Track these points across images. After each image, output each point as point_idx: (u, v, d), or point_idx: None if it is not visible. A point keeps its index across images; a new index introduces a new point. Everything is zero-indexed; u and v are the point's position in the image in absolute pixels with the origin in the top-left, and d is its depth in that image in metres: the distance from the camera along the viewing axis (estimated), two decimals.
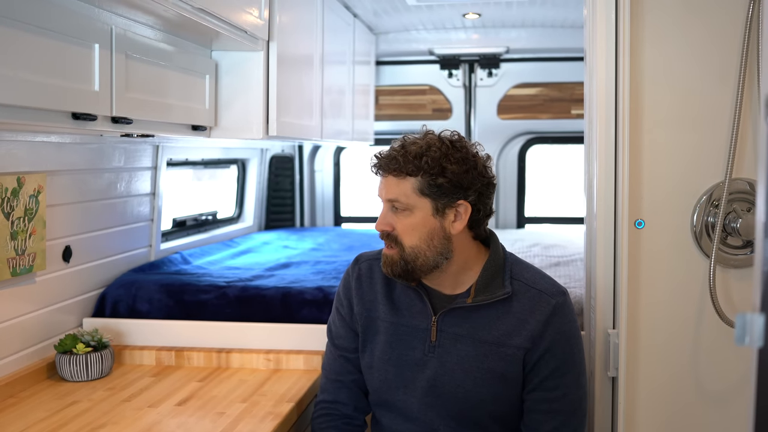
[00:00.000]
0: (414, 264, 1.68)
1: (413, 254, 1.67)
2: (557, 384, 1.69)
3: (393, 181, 1.68)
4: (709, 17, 1.95)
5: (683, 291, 2.00)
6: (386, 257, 1.71)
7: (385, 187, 1.70)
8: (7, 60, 1.33)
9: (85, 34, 1.55)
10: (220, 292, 2.43)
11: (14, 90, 1.34)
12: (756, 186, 1.96)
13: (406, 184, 1.67)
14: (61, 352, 2.14)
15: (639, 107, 1.97)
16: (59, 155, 2.19)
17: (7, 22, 1.32)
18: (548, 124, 4.45)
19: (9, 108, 1.36)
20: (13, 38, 1.34)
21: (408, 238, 1.67)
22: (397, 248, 1.68)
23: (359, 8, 3.61)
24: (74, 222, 2.31)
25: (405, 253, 1.68)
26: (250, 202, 4.04)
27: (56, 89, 1.45)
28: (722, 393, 2.01)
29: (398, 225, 1.68)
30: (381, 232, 1.70)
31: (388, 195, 1.69)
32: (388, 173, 1.69)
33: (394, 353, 1.76)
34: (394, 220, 1.69)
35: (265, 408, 1.92)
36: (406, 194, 1.67)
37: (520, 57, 4.39)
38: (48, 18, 1.44)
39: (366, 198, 4.92)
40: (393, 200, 1.68)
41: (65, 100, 1.48)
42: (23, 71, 1.37)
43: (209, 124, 2.25)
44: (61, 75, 1.48)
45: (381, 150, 1.75)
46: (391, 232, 1.69)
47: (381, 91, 4.49)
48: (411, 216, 1.67)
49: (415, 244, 1.67)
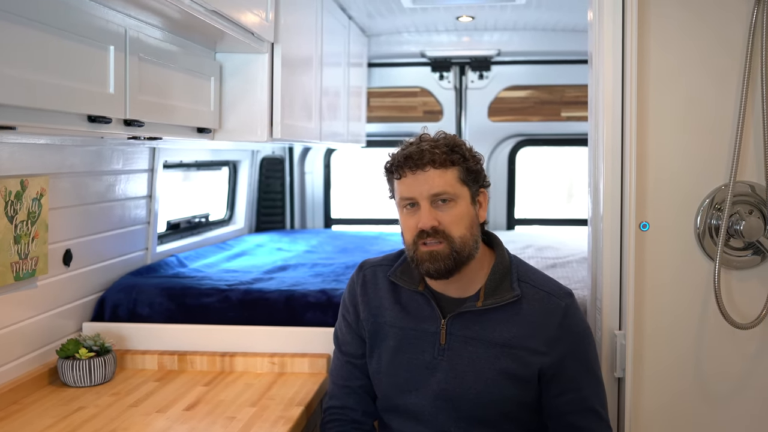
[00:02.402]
0: (462, 255, 1.66)
1: (462, 245, 1.66)
2: (583, 383, 1.72)
3: (435, 174, 1.65)
4: (713, 23, 1.98)
5: (687, 292, 2.02)
6: (434, 254, 1.65)
7: (425, 183, 1.65)
8: (25, 61, 1.31)
9: (101, 35, 1.53)
10: (223, 296, 2.42)
11: (32, 92, 1.32)
12: (756, 189, 2.00)
13: (451, 174, 1.66)
14: (64, 357, 2.11)
15: (644, 111, 1.99)
16: (60, 158, 2.16)
17: (24, 21, 1.30)
18: (539, 127, 4.48)
19: (26, 110, 1.34)
20: (30, 39, 1.32)
21: (456, 228, 1.66)
22: (445, 242, 1.65)
23: (354, 10, 3.60)
24: (74, 225, 2.28)
25: (456, 245, 1.65)
26: (242, 204, 4.02)
27: (73, 91, 1.44)
28: (725, 392, 2.04)
29: (444, 218, 1.66)
30: (429, 229, 1.64)
31: (433, 189, 1.65)
32: (427, 167, 1.65)
33: (404, 358, 1.76)
34: (438, 214, 1.66)
35: (275, 412, 1.91)
36: (451, 184, 1.66)
37: (511, 60, 4.41)
38: (65, 19, 1.42)
39: (356, 200, 4.92)
40: (439, 193, 1.65)
41: (81, 102, 1.46)
42: (41, 73, 1.35)
43: (214, 127, 2.24)
44: (78, 77, 1.46)
45: (391, 152, 1.73)
46: (437, 227, 1.65)
47: (372, 93, 4.49)
48: (456, 206, 1.67)
49: (463, 234, 1.67)
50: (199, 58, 2.14)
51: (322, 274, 2.86)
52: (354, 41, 3.82)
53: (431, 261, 1.66)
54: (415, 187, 1.66)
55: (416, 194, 1.66)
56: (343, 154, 4.78)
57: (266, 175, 4.26)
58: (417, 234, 1.67)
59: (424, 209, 1.65)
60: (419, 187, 1.66)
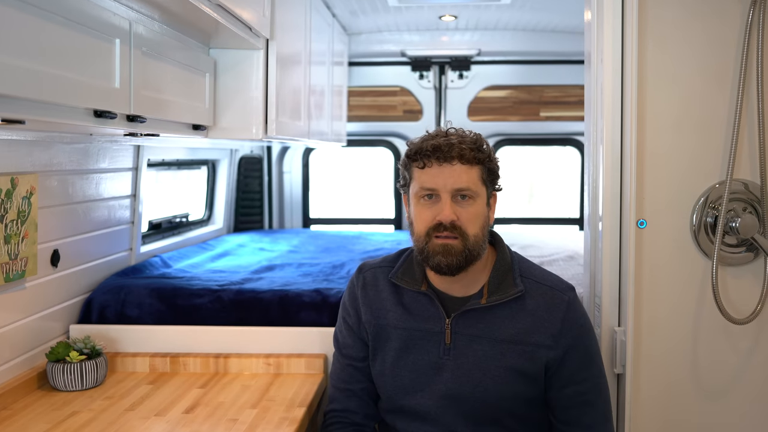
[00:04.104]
0: (473, 253, 1.65)
1: (475, 243, 1.65)
2: (586, 376, 1.73)
3: (462, 169, 1.64)
4: (709, 23, 2.00)
5: (682, 288, 2.05)
6: (448, 247, 1.63)
7: (451, 176, 1.64)
8: (34, 52, 1.26)
9: (107, 28, 1.48)
10: (215, 296, 2.37)
11: (40, 84, 1.28)
12: (749, 186, 2.03)
13: (474, 172, 1.66)
14: (54, 360, 2.05)
15: (642, 110, 2.01)
16: (49, 155, 2.10)
17: (33, 11, 1.26)
18: (518, 126, 4.51)
19: (35, 104, 1.29)
20: (39, 30, 1.28)
21: (472, 226, 1.65)
22: (460, 238, 1.64)
23: (338, 8, 3.58)
24: (62, 225, 2.22)
25: (469, 242, 1.64)
26: (220, 204, 3.96)
27: (80, 85, 1.39)
28: (721, 386, 2.07)
29: (463, 214, 1.65)
30: (448, 223, 1.63)
31: (457, 184, 1.64)
32: (454, 161, 1.64)
33: (409, 359, 1.74)
34: (457, 210, 1.64)
35: (277, 413, 1.88)
36: (474, 182, 1.66)
37: (491, 59, 4.43)
38: (74, 10, 1.37)
39: (335, 200, 4.89)
40: (463, 189, 1.64)
41: (89, 96, 1.42)
42: (49, 65, 1.30)
43: (209, 124, 2.19)
44: (85, 70, 1.41)
45: (411, 140, 1.71)
46: (455, 222, 1.64)
47: (352, 92, 4.46)
48: (474, 204, 1.66)
49: (476, 233, 1.66)
50: (195, 53, 2.10)
51: (311, 274, 2.83)
52: (337, 40, 3.80)
53: (444, 255, 1.64)
54: (440, 180, 1.64)
55: (440, 186, 1.64)
56: (322, 153, 4.75)
57: (245, 175, 4.21)
58: (433, 226, 1.65)
59: (446, 202, 1.64)
60: (444, 179, 1.64)
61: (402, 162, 1.73)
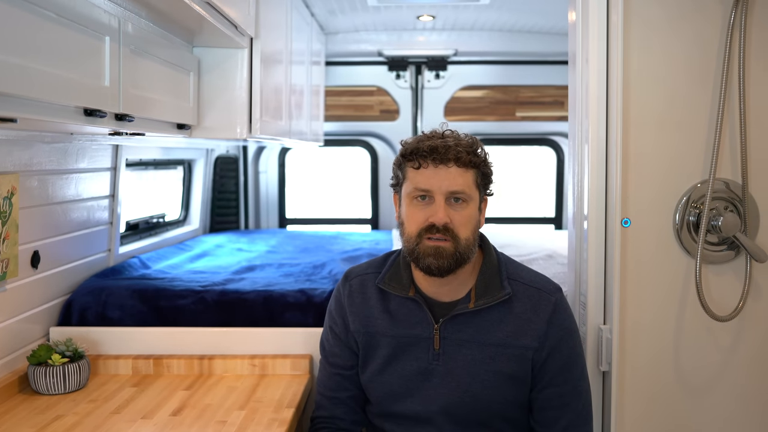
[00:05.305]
0: (464, 257, 1.65)
1: (466, 247, 1.65)
2: (566, 378, 1.72)
3: (457, 172, 1.63)
4: (692, 24, 2.03)
5: (665, 286, 2.08)
6: (439, 249, 1.62)
7: (446, 178, 1.63)
8: (24, 49, 1.23)
9: (98, 26, 1.45)
10: (198, 297, 2.34)
11: (31, 82, 1.25)
12: (731, 185, 2.07)
13: (470, 176, 1.65)
14: (35, 363, 2.01)
15: (626, 111, 2.03)
16: (29, 155, 2.06)
17: (25, 6, 1.23)
18: (494, 126, 4.54)
19: (25, 102, 1.26)
20: (31, 25, 1.25)
21: (464, 230, 1.65)
22: (452, 241, 1.63)
23: (317, 6, 3.56)
24: (42, 226, 2.18)
25: (460, 245, 1.63)
26: (196, 204, 3.92)
27: (71, 83, 1.36)
28: (702, 383, 2.10)
29: (455, 217, 1.64)
30: (441, 225, 1.62)
31: (452, 186, 1.63)
32: (450, 163, 1.63)
33: (398, 365, 1.73)
34: (450, 212, 1.63)
35: (266, 415, 1.87)
36: (469, 185, 1.65)
37: (468, 60, 4.45)
38: (64, 6, 1.34)
39: (311, 200, 4.87)
40: (457, 192, 1.63)
41: (79, 95, 1.39)
42: (40, 62, 1.27)
43: (193, 123, 2.17)
44: (76, 68, 1.38)
45: (406, 140, 1.70)
46: (448, 224, 1.63)
47: (328, 91, 4.45)
48: (467, 208, 1.65)
49: (468, 236, 1.65)
50: (180, 52, 2.08)
51: (293, 274, 2.82)
52: (315, 39, 3.78)
53: (435, 256, 1.63)
54: (435, 181, 1.63)
55: (434, 188, 1.63)
56: (298, 153, 4.72)
57: (221, 175, 4.17)
58: (425, 227, 1.64)
59: (440, 204, 1.63)
60: (439, 181, 1.63)
61: (396, 161, 1.72)
